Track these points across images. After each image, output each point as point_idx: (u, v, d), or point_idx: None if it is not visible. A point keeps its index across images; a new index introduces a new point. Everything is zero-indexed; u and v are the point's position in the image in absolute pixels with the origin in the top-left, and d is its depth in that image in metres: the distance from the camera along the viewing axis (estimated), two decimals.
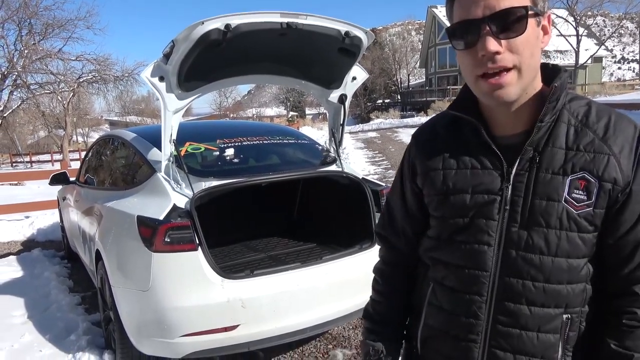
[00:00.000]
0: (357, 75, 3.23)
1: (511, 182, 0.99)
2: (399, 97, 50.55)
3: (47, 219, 7.48)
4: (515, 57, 0.92)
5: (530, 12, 0.92)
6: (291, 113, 54.27)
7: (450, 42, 0.99)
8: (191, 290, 2.56)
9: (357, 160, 13.34)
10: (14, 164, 28.38)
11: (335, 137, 3.47)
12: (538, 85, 1.01)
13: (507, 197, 1.00)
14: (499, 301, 1.01)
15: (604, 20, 56.21)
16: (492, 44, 0.91)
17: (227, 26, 2.47)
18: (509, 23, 0.91)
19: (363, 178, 3.33)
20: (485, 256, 1.01)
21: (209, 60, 2.67)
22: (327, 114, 3.51)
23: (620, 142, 0.95)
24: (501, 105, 0.99)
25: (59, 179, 5.01)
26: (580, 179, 0.95)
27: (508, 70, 0.92)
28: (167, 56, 2.61)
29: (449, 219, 1.07)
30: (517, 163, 0.99)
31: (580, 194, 0.95)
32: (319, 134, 19.84)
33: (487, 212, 1.01)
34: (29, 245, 6.61)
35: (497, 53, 0.91)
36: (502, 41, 0.91)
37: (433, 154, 1.11)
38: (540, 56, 0.99)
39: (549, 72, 1.03)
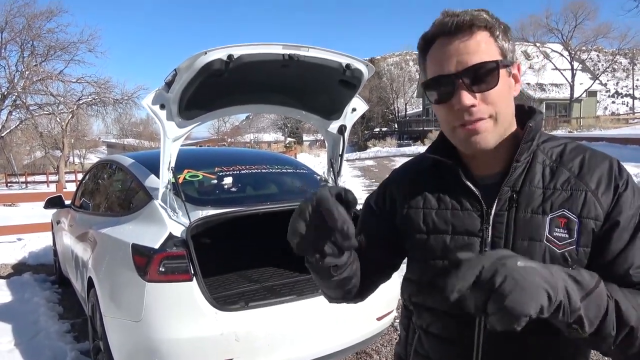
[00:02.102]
0: (357, 106, 3.24)
1: (491, 223, 0.99)
2: (396, 125, 51.02)
3: (40, 241, 7.39)
4: (490, 107, 0.94)
5: (501, 66, 0.94)
6: (289, 139, 54.62)
7: (426, 96, 1.01)
8: (184, 322, 2.50)
9: (353, 188, 13.34)
10: (8, 184, 28.22)
11: (334, 167, 3.46)
12: (513, 126, 1.02)
13: (488, 239, 0.98)
14: (489, 348, 0.98)
15: (598, 55, 57.36)
16: (467, 98, 0.92)
17: (230, 56, 2.48)
18: (482, 76, 0.93)
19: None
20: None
21: (210, 90, 2.68)
22: (327, 144, 3.51)
23: (596, 178, 0.96)
24: (478, 152, 0.99)
25: (54, 202, 4.96)
26: (560, 217, 0.94)
27: (484, 119, 0.94)
28: (168, 84, 2.62)
29: (429, 260, 1.04)
30: (495, 203, 0.99)
31: (562, 233, 0.94)
32: (316, 161, 19.92)
33: None
34: (20, 268, 6.50)
35: (473, 106, 0.93)
36: (477, 94, 0.93)
37: (414, 192, 1.10)
38: (514, 103, 1.01)
39: (524, 114, 1.05)
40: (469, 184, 1.01)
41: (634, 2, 17.26)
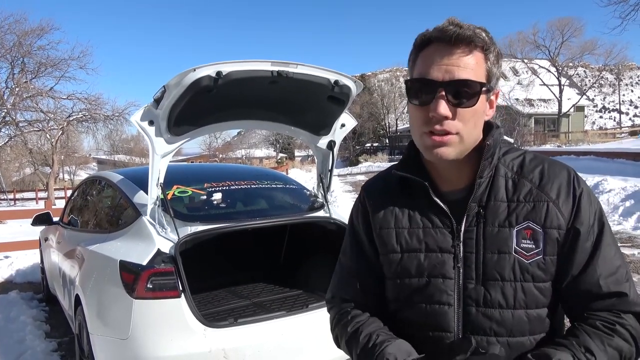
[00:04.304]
0: (346, 122, 3.27)
1: (462, 239, 1.01)
2: (387, 141, 51.30)
3: (28, 259, 7.29)
4: (460, 125, 0.96)
5: (483, 89, 0.97)
6: (280, 155, 54.70)
7: (406, 94, 1.03)
8: (172, 339, 2.48)
9: (345, 204, 13.33)
10: None
11: (324, 182, 3.48)
12: (477, 142, 1.04)
13: (460, 254, 1.01)
14: None
15: (584, 71, 58.19)
16: (444, 108, 0.94)
17: (219, 73, 2.50)
18: (463, 93, 0.95)
19: None
20: (447, 316, 1.01)
21: (199, 106, 2.69)
22: (316, 160, 3.53)
23: (556, 188, 0.99)
24: (440, 162, 1.01)
25: (42, 219, 4.91)
26: (525, 229, 0.98)
27: (452, 134, 0.96)
28: (157, 101, 2.63)
29: (404, 279, 1.05)
30: (464, 219, 1.01)
31: (529, 244, 0.97)
32: (307, 176, 19.91)
33: (442, 270, 1.02)
34: (6, 287, 6.40)
35: (447, 118, 0.95)
36: (453, 108, 0.95)
37: (385, 210, 1.11)
38: (482, 125, 1.04)
39: (486, 128, 1.06)
40: (438, 201, 1.04)
41: (618, 20, 17.60)
